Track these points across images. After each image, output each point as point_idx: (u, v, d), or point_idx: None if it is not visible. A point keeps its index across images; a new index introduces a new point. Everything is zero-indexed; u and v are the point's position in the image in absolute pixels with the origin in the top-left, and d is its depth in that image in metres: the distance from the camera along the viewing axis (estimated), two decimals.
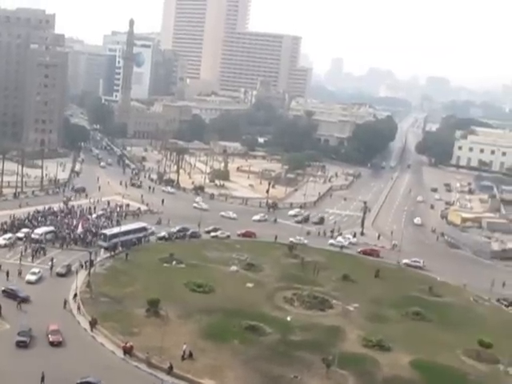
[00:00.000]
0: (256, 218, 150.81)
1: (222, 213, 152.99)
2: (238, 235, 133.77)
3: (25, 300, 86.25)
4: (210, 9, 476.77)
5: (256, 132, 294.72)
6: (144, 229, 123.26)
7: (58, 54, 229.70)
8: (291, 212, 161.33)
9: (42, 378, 65.40)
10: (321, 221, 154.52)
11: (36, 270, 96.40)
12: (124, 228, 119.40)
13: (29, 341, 74.51)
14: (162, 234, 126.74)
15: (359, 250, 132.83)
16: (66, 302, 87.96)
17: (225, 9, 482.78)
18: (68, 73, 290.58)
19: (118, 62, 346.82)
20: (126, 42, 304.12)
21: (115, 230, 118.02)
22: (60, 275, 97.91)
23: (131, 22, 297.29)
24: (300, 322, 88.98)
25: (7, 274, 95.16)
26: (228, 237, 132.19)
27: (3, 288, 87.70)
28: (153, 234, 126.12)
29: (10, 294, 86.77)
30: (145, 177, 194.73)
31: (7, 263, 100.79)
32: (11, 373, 67.13)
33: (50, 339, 74.67)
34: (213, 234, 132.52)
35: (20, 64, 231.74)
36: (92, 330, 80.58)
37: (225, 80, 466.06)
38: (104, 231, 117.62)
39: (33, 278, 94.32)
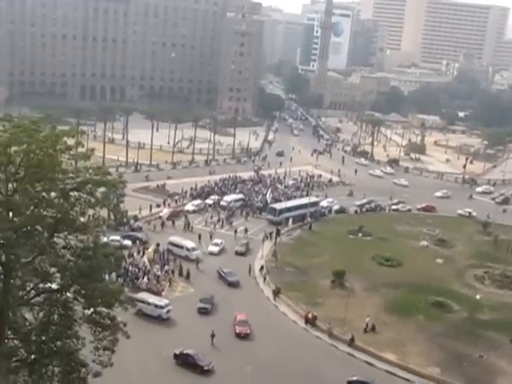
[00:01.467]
0: (438, 194, 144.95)
1: (395, 180, 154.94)
2: (418, 209, 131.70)
3: (233, 284, 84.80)
4: None
5: (456, 106, 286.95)
6: (316, 203, 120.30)
7: (254, 23, 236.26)
8: (479, 189, 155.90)
9: (212, 336, 68.35)
10: (505, 201, 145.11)
11: (218, 241, 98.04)
12: (295, 202, 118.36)
13: (210, 308, 76.74)
14: (336, 207, 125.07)
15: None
16: (250, 269, 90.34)
17: None
18: (265, 42, 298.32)
19: (316, 31, 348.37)
20: (324, 11, 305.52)
21: (285, 204, 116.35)
22: (239, 254, 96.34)
23: None
24: (490, 301, 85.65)
25: (199, 237, 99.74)
26: (409, 210, 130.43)
27: (217, 268, 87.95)
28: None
29: (221, 277, 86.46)
30: (338, 149, 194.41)
31: (196, 228, 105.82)
32: (191, 335, 70.53)
33: (237, 330, 71.02)
34: (394, 207, 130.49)
35: (216, 32, 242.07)
36: (275, 299, 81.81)
37: (426, 52, 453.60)
38: (273, 205, 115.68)
39: (215, 249, 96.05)
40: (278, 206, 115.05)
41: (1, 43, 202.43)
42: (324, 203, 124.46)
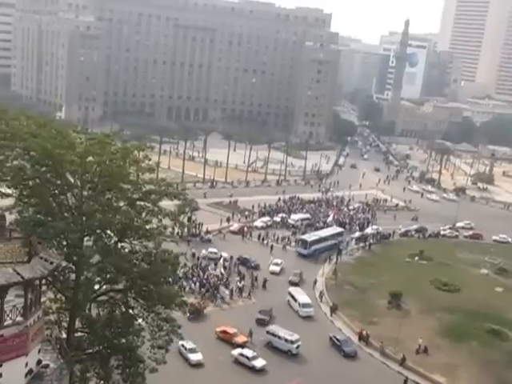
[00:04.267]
0: (460, 224, 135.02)
1: (427, 195, 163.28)
2: (465, 236, 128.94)
3: (349, 355, 71.83)
4: (492, 11, 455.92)
5: None
6: (340, 234, 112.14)
7: (331, 52, 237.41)
8: None
9: (250, 334, 71.17)
10: None
11: (278, 261, 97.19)
12: (324, 233, 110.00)
13: (268, 320, 76.80)
14: (356, 234, 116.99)
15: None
16: (315, 282, 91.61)
17: (508, 11, 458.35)
18: (342, 70, 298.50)
19: (392, 61, 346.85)
20: (399, 42, 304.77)
21: (315, 235, 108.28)
22: (293, 284, 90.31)
23: (407, 23, 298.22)
24: None
25: (271, 248, 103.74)
26: (456, 236, 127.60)
27: (330, 335, 75.46)
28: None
29: (334, 344, 73.85)
30: (409, 179, 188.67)
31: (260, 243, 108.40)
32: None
33: None
34: (442, 232, 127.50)
35: (294, 60, 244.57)
36: (331, 315, 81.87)
37: (501, 84, 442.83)
38: (303, 237, 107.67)
39: (277, 268, 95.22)
40: (307, 237, 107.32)
41: (98, 66, 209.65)
42: (368, 230, 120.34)
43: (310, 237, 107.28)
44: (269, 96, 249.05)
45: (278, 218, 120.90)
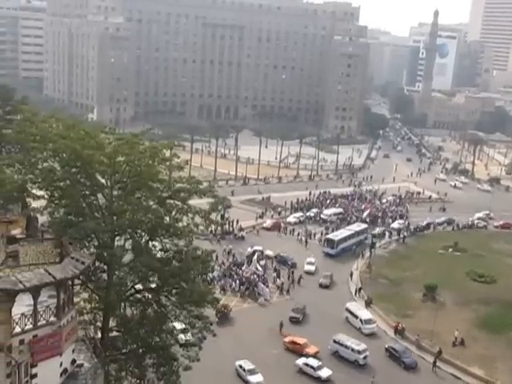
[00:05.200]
0: (479, 215, 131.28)
1: (450, 182, 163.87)
2: (496, 227, 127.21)
3: (410, 367, 67.63)
4: None
5: None
6: (365, 230, 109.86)
7: (360, 45, 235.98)
8: None
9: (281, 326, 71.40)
10: None
11: (313, 260, 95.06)
12: (348, 231, 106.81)
13: (301, 318, 76.11)
14: (377, 230, 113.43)
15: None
16: (351, 274, 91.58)
17: None
18: (372, 63, 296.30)
19: (422, 53, 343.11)
20: (429, 34, 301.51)
21: (341, 234, 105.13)
22: (323, 287, 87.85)
23: (436, 14, 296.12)
24: None
25: (306, 242, 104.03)
26: (485, 227, 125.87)
27: (386, 346, 71.15)
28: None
29: (392, 355, 69.81)
30: (442, 170, 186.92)
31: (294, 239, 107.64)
32: None
33: None
34: (470, 223, 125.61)
35: (323, 55, 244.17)
36: (367, 309, 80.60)
37: None
38: (329, 236, 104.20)
39: (312, 268, 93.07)
40: (334, 236, 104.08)
41: (129, 67, 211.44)
42: (394, 225, 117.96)
43: (336, 236, 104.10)
44: (299, 91, 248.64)
45: (310, 214, 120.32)
